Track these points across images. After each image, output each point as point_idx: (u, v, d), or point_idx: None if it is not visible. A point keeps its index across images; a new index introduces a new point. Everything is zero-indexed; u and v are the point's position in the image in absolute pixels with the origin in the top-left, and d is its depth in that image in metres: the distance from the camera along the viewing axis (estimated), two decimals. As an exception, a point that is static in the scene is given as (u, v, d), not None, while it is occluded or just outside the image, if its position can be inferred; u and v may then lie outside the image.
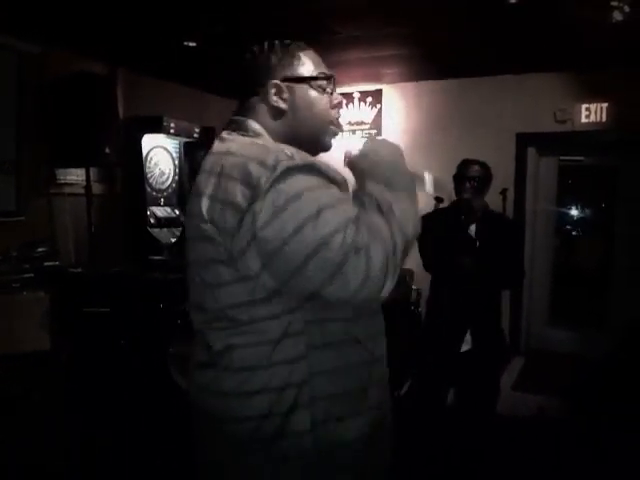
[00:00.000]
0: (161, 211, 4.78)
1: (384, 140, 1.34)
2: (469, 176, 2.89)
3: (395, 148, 1.26)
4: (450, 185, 2.83)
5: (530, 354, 5.14)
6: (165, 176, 4.95)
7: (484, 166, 2.96)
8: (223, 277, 1.14)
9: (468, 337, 2.83)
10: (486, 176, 2.95)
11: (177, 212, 4.92)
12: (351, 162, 1.27)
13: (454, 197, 2.95)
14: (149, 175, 4.74)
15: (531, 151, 5.08)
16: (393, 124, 5.41)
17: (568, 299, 5.54)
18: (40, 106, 3.78)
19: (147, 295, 3.16)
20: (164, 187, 4.93)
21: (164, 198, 4.91)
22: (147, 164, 4.71)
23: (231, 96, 5.11)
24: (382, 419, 1.29)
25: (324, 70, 1.35)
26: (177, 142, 5.05)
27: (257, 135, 1.27)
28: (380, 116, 5.48)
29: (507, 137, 4.95)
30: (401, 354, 3.07)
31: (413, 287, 4.34)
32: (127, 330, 3.05)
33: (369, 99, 5.52)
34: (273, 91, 1.28)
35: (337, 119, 1.36)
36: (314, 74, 1.32)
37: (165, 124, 4.57)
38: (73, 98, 3.70)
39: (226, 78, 1.45)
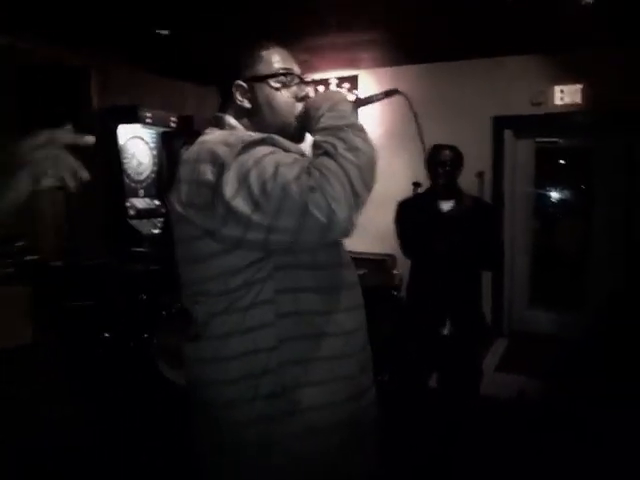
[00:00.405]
0: (141, 202, 4.75)
1: (325, 92, 1.44)
2: (440, 161, 2.92)
3: (333, 93, 1.38)
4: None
5: (512, 336, 5.21)
6: (143, 166, 4.91)
7: (455, 150, 2.99)
8: (200, 252, 1.26)
9: (448, 321, 2.87)
10: (457, 160, 2.98)
11: (157, 203, 4.89)
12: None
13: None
14: (127, 166, 4.70)
15: (508, 134, 5.12)
16: (370, 110, 5.39)
17: (548, 281, 5.61)
18: (11, 98, 3.72)
19: (129, 287, 3.16)
20: (142, 178, 4.90)
21: (143, 189, 4.87)
22: (124, 155, 4.67)
23: (208, 84, 5.09)
24: (357, 391, 1.35)
25: (287, 66, 1.41)
26: (154, 132, 5.01)
27: (232, 128, 1.39)
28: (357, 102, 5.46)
29: (483, 121, 4.98)
30: (383, 339, 3.10)
31: (394, 272, 4.38)
32: (110, 323, 3.04)
33: (346, 85, 5.51)
34: (237, 92, 1.40)
35: (301, 118, 1.39)
36: (273, 72, 1.39)
37: (141, 114, 4.53)
38: (45, 89, 3.65)
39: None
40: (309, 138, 1.34)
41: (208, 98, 5.77)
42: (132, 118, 4.54)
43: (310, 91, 1.47)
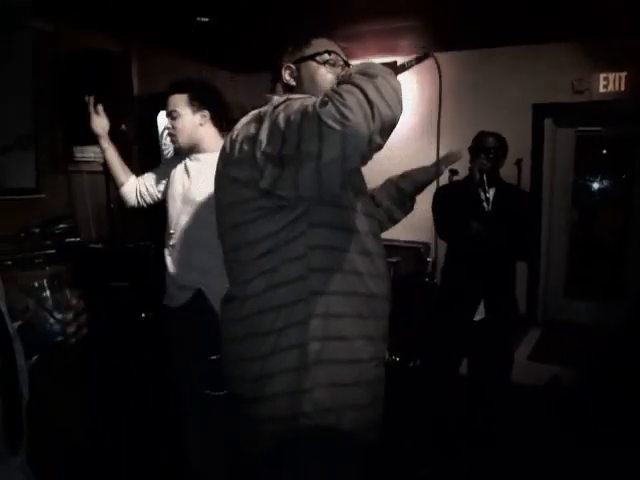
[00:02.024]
0: (177, 187, 4.82)
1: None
2: (485, 148, 2.89)
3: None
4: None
5: (547, 325, 5.15)
6: (180, 152, 4.97)
7: (500, 138, 2.96)
8: (240, 217, 1.34)
9: (482, 306, 2.86)
10: (502, 148, 2.95)
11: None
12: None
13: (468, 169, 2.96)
14: (165, 152, 4.77)
15: (548, 122, 5.02)
16: (409, 96, 5.35)
17: (586, 270, 5.51)
18: (55, 84, 3.80)
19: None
20: (180, 163, 4.97)
21: (180, 174, 4.94)
22: (163, 141, 4.74)
23: (244, 71, 5.14)
24: (377, 355, 1.43)
25: (333, 49, 1.55)
26: (191, 118, 5.06)
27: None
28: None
29: (523, 108, 4.89)
30: (416, 325, 3.11)
31: (428, 259, 4.36)
32: (147, 303, 3.11)
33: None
34: (286, 72, 1.56)
35: None
36: (319, 51, 1.54)
37: (179, 100, 4.58)
38: (87, 75, 3.72)
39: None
40: None
41: (242, 85, 5.80)
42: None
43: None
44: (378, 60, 4.89)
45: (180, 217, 2.28)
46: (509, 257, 2.96)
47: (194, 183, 2.26)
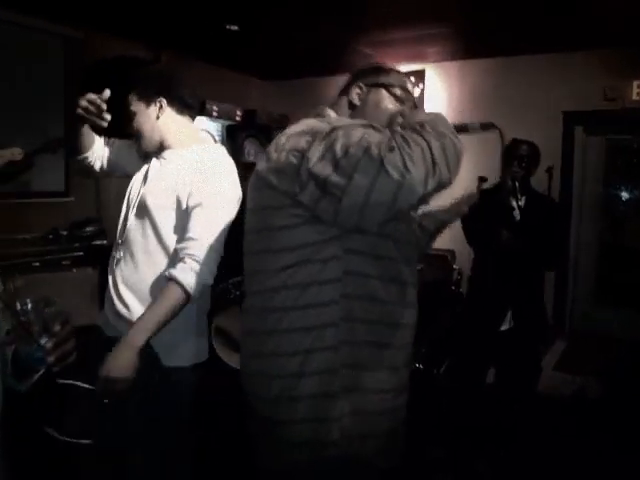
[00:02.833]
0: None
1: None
2: (518, 155, 2.86)
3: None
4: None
5: (574, 335, 5.04)
6: (208, 158, 5.01)
7: (533, 146, 2.93)
8: (272, 223, 1.32)
9: (509, 316, 2.82)
10: (535, 156, 2.92)
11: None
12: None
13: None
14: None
15: (578, 130, 4.94)
16: (436, 104, 5.33)
17: (615, 281, 5.39)
18: (86, 89, 3.87)
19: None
20: (207, 169, 5.00)
21: (207, 180, 4.98)
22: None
23: (273, 79, 5.15)
24: (400, 384, 1.41)
25: (410, 90, 1.56)
26: (219, 125, 5.11)
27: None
28: (423, 96, 5.40)
29: (553, 116, 4.82)
30: (441, 333, 3.07)
31: (454, 267, 4.31)
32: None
33: (412, 79, 5.44)
34: (355, 90, 1.54)
35: (399, 124, 1.45)
36: (397, 83, 1.54)
37: (208, 107, 4.64)
38: (117, 81, 3.77)
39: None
40: None
41: (272, 92, 5.84)
42: (200, 111, 4.63)
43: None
44: (405, 67, 4.85)
45: (131, 227, 1.90)
46: (538, 266, 2.91)
47: (151, 184, 1.88)
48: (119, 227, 1.97)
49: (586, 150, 5.06)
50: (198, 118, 4.99)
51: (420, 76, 5.42)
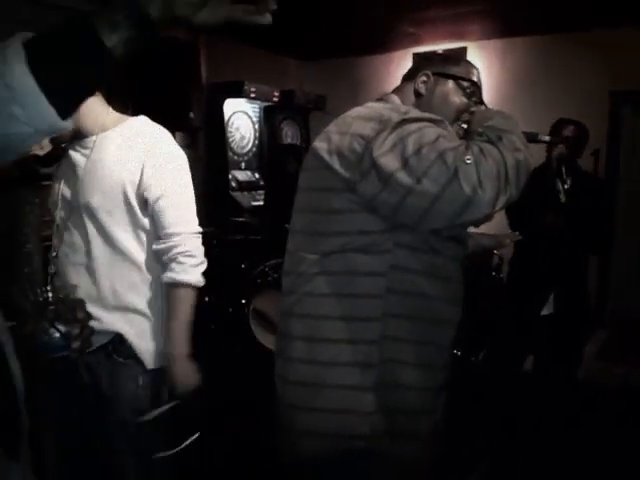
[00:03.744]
0: (242, 175, 4.89)
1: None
2: (564, 136, 2.78)
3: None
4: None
5: (617, 323, 4.92)
6: (246, 140, 5.04)
7: (580, 126, 2.83)
8: (327, 205, 1.27)
9: (551, 300, 2.76)
10: (582, 137, 2.83)
11: (257, 176, 5.01)
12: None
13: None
14: (231, 139, 4.84)
15: (626, 111, 4.76)
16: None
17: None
18: (125, 71, 3.91)
19: (229, 255, 3.27)
20: (245, 151, 5.03)
21: (245, 162, 5.01)
22: (228, 128, 4.81)
23: (311, 59, 5.11)
24: (441, 383, 1.37)
25: (479, 84, 1.50)
26: (257, 106, 5.12)
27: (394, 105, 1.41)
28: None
29: (599, 96, 4.65)
30: (479, 320, 3.03)
31: (495, 252, 4.23)
32: (211, 288, 3.17)
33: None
34: (422, 78, 1.47)
35: (465, 121, 1.45)
36: (467, 77, 1.48)
37: (246, 88, 4.63)
38: (158, 64, 3.81)
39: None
40: None
41: (309, 73, 5.81)
42: (238, 93, 4.65)
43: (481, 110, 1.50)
44: (446, 46, 4.74)
45: (67, 232, 1.66)
46: (582, 250, 2.83)
47: (86, 181, 1.61)
48: (53, 237, 1.69)
49: (634, 131, 4.89)
50: (236, 99, 5.02)
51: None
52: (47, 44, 0.69)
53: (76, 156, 1.65)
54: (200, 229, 1.69)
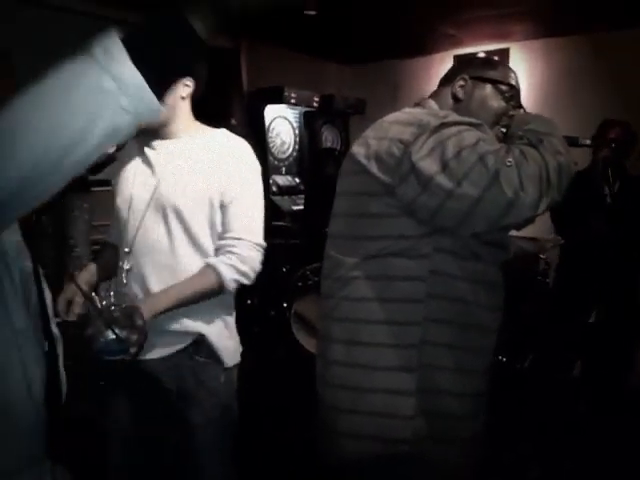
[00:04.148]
0: (282, 179, 4.93)
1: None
2: (609, 138, 2.71)
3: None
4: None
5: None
6: (286, 145, 5.08)
7: (627, 127, 2.76)
8: (366, 209, 1.28)
9: (596, 308, 2.69)
10: (629, 138, 2.75)
11: (297, 180, 5.04)
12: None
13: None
14: (271, 145, 4.89)
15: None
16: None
17: None
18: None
19: (271, 258, 3.29)
20: (285, 156, 5.07)
21: (285, 167, 5.05)
22: (269, 134, 4.85)
23: (350, 63, 5.12)
24: (482, 389, 1.36)
25: (516, 87, 1.49)
26: (297, 112, 5.15)
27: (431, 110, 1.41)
28: (507, 77, 5.21)
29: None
30: (525, 325, 2.97)
31: (541, 256, 4.15)
32: (254, 291, 3.21)
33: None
34: (460, 83, 1.46)
35: (504, 125, 1.45)
36: (504, 80, 1.47)
37: (286, 94, 4.67)
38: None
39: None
40: None
41: (349, 78, 5.81)
42: (278, 98, 4.69)
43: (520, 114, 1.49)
44: (489, 47, 4.67)
45: (144, 229, 1.65)
46: (632, 255, 2.75)
47: (171, 182, 1.63)
48: (124, 232, 1.68)
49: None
50: (277, 105, 5.06)
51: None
52: (141, 33, 0.72)
53: (155, 156, 1.66)
54: (263, 243, 1.71)
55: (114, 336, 1.18)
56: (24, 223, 0.97)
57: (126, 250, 1.66)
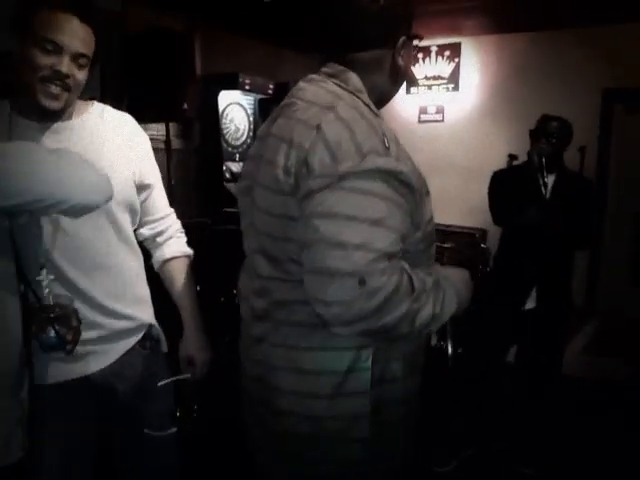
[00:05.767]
0: (236, 166, 4.90)
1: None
2: (547, 132, 2.83)
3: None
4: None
5: (605, 317, 4.99)
6: (240, 132, 5.05)
7: (564, 123, 2.87)
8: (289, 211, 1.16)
9: (534, 295, 2.81)
10: (565, 133, 2.86)
11: (251, 167, 5.03)
12: None
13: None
14: (225, 131, 4.85)
15: (618, 108, 4.81)
16: (471, 78, 5.25)
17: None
18: (121, 62, 3.91)
19: (222, 244, 3.29)
20: (239, 143, 5.04)
21: (239, 154, 5.02)
22: (223, 120, 4.82)
23: (305, 51, 5.10)
24: (421, 363, 1.39)
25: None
26: (252, 98, 5.13)
27: (358, 91, 1.20)
28: (458, 70, 5.32)
29: (592, 92, 4.70)
30: (466, 312, 3.07)
31: (482, 246, 4.28)
32: (202, 277, 3.20)
33: (447, 53, 5.36)
34: (403, 48, 1.19)
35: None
36: (418, 33, 1.24)
37: (241, 80, 4.63)
38: (153, 54, 3.80)
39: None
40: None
41: (304, 65, 5.80)
42: (233, 85, 4.65)
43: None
44: (441, 41, 4.71)
45: (71, 230, 1.46)
46: (566, 245, 2.88)
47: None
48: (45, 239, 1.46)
49: (625, 129, 4.94)
50: (232, 92, 5.02)
51: (456, 49, 5.33)
52: None
53: (47, 142, 1.42)
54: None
55: (53, 332, 1.32)
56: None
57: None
